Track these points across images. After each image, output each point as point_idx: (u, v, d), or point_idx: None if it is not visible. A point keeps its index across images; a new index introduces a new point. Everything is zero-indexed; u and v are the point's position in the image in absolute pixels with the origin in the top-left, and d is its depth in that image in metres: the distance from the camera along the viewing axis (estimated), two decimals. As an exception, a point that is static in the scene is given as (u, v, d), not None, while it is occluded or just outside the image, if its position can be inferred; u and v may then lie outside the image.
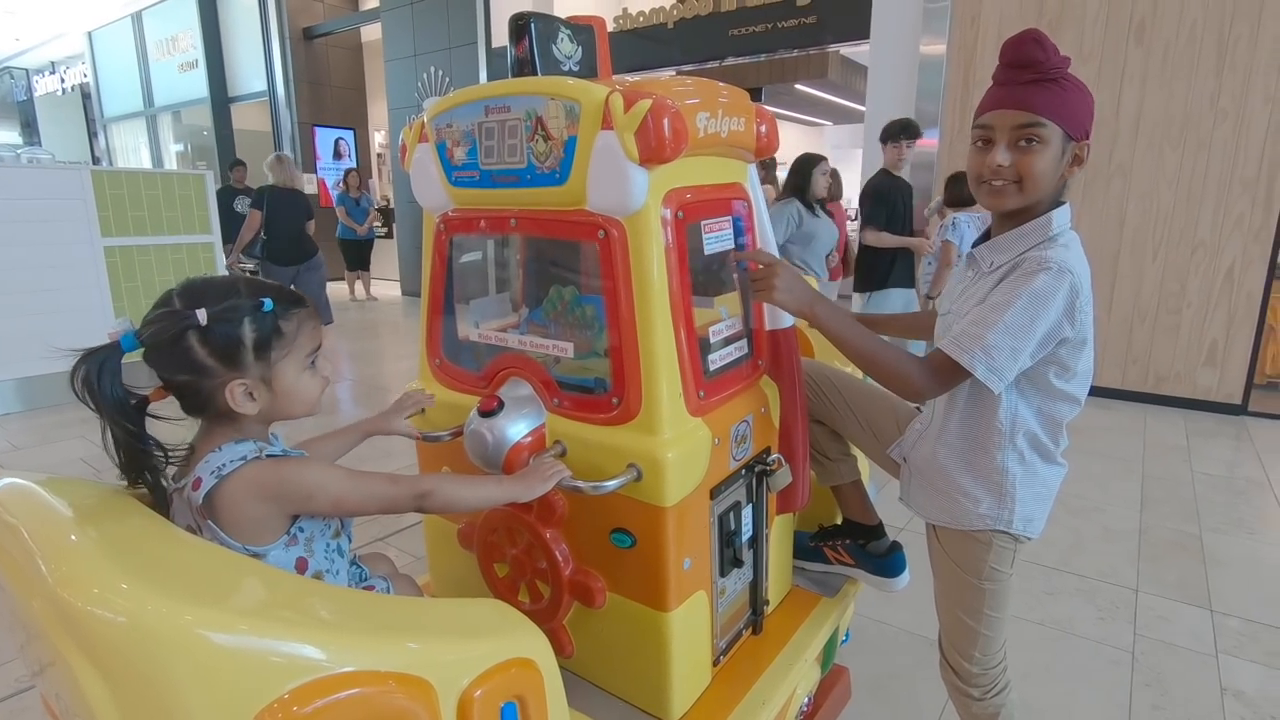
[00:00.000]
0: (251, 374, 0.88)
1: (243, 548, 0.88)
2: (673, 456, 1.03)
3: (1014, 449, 1.15)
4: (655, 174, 1.00)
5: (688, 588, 1.13)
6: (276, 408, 0.92)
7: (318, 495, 0.89)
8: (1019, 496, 1.16)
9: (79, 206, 4.48)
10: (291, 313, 0.92)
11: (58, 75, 14.74)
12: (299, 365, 0.93)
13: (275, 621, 0.63)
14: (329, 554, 0.99)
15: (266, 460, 0.89)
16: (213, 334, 0.85)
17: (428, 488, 0.95)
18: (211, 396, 0.87)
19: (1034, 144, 1.05)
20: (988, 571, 1.20)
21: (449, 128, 1.16)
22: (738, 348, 1.21)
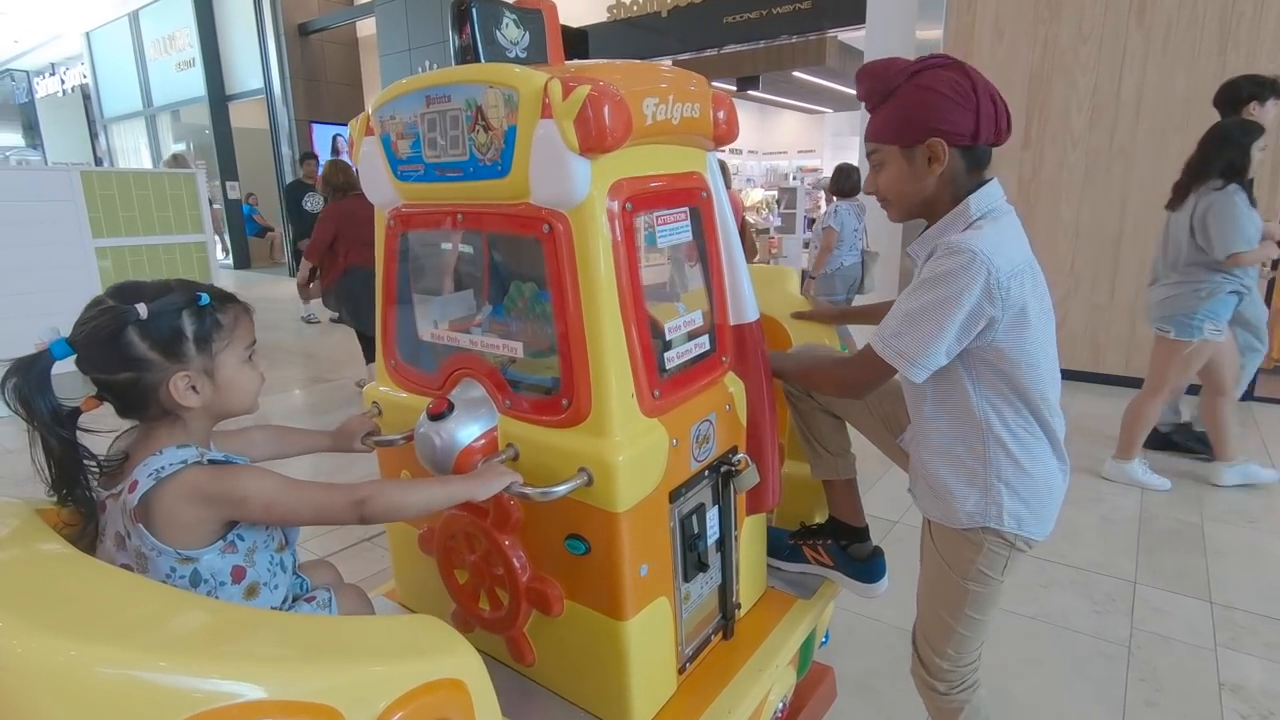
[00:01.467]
0: (194, 365, 0.88)
1: (174, 552, 0.85)
2: (624, 460, 0.99)
3: (994, 440, 1.12)
4: (599, 164, 0.95)
5: (646, 595, 1.08)
6: (218, 401, 0.92)
7: (251, 500, 0.87)
8: (1004, 490, 1.12)
9: (69, 208, 4.47)
10: (228, 306, 0.94)
11: (58, 77, 14.77)
12: (239, 357, 0.94)
13: (163, 652, 0.59)
14: (271, 567, 0.96)
15: (206, 465, 0.87)
16: (153, 327, 0.85)
17: (364, 494, 0.91)
18: (153, 393, 0.87)
19: (879, 166, 1.14)
20: (974, 573, 1.16)
21: (392, 120, 1.11)
22: (698, 344, 1.16)
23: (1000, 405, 1.11)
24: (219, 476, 0.87)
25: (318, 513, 0.90)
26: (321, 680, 0.64)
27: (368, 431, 1.22)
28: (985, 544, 1.14)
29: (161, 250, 4.93)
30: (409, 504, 0.95)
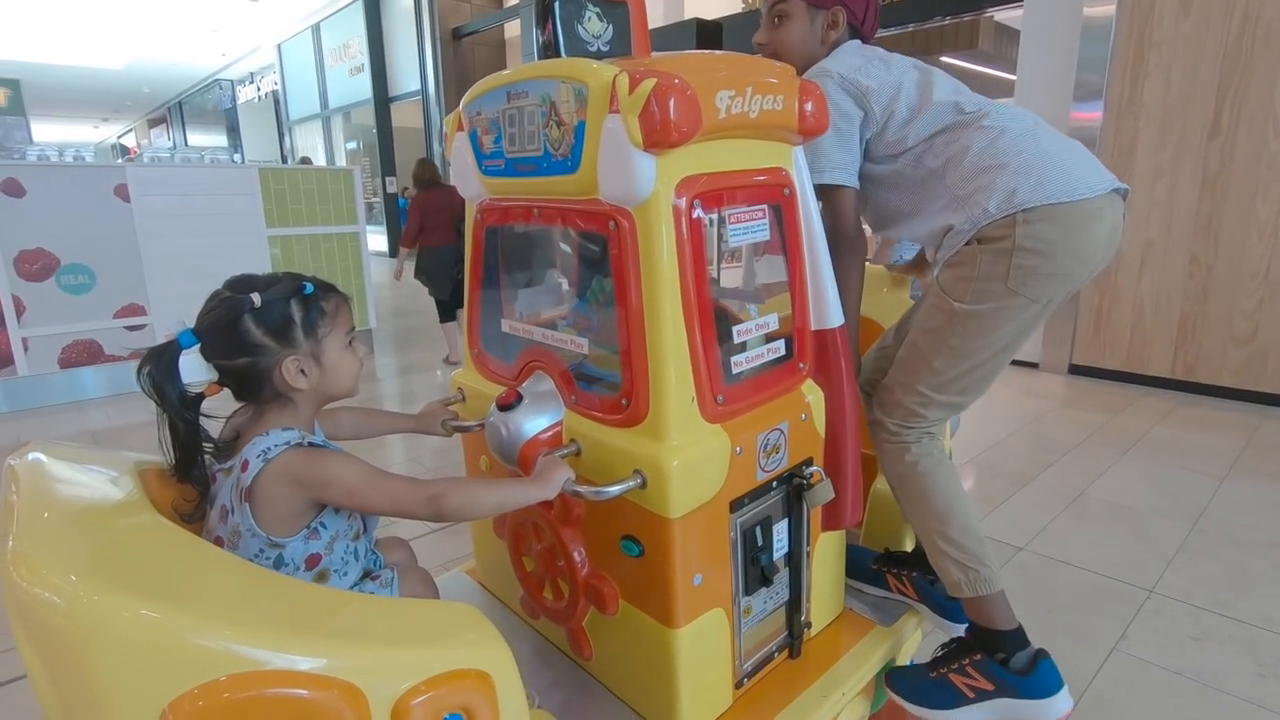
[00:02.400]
0: (302, 350, 0.96)
1: (266, 538, 0.92)
2: (678, 465, 0.96)
3: (946, 177, 1.21)
4: (665, 159, 0.93)
5: (700, 604, 1.05)
6: (324, 383, 0.99)
7: (335, 483, 0.92)
8: (982, 191, 1.15)
9: (249, 201, 5.03)
10: (329, 295, 1.01)
11: (255, 85, 16.70)
12: (340, 343, 1.01)
13: (202, 616, 0.63)
14: (345, 555, 1.02)
15: (305, 448, 0.94)
16: (266, 314, 0.93)
17: (439, 490, 0.94)
18: (266, 376, 0.95)
19: (784, 18, 1.30)
20: (970, 293, 1.16)
21: (479, 115, 1.15)
22: (772, 349, 1.11)
23: (943, 161, 1.21)
24: (312, 459, 0.93)
25: (394, 504, 0.94)
26: (342, 658, 0.67)
27: (447, 417, 1.27)
28: (979, 256, 1.15)
29: (321, 239, 5.43)
30: (482, 503, 0.98)
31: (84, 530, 0.71)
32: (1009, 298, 1.13)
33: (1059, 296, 1.16)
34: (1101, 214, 1.13)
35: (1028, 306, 1.15)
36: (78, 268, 4.39)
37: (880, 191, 1.31)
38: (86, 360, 4.46)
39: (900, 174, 1.26)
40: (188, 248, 4.73)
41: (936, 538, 1.24)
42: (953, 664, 1.24)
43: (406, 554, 1.22)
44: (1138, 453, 3.16)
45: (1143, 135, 4.03)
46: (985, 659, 1.23)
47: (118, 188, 4.44)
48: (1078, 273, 1.15)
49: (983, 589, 1.22)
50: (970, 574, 1.22)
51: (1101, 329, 4.30)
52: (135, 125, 23.53)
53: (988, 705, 1.21)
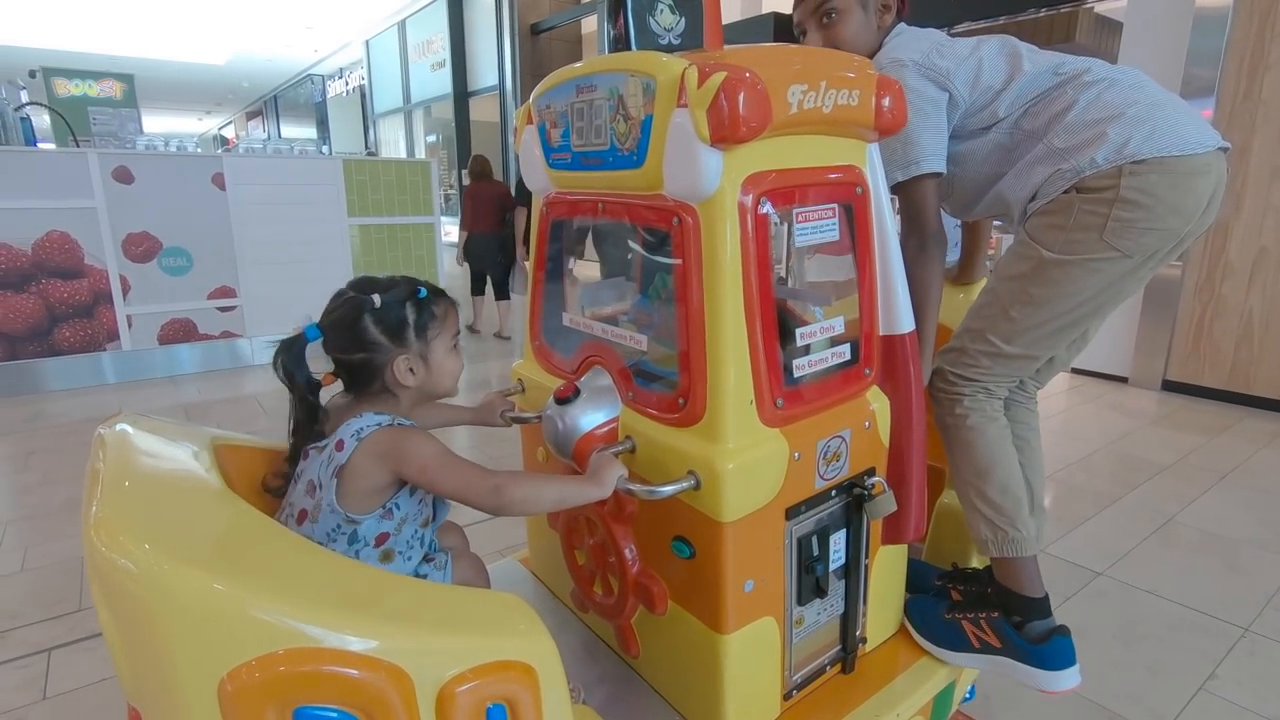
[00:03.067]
0: (413, 349, 1.03)
1: (344, 514, 0.96)
2: (733, 468, 0.94)
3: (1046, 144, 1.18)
4: (733, 155, 0.90)
5: (750, 611, 1.03)
6: (429, 382, 1.06)
7: (412, 457, 0.96)
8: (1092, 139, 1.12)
9: (332, 191, 5.25)
10: (440, 299, 1.08)
11: (344, 80, 17.40)
12: (447, 344, 1.07)
13: (263, 591, 0.66)
14: (411, 540, 1.05)
15: (394, 427, 1.00)
16: (384, 314, 1.01)
17: (501, 481, 0.96)
18: (379, 371, 1.02)
19: (840, 16, 1.27)
20: (1065, 240, 1.13)
21: (548, 109, 1.15)
22: (836, 353, 1.07)
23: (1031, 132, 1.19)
24: (399, 435, 0.98)
25: (461, 486, 0.97)
26: (392, 641, 0.68)
27: (506, 408, 1.29)
28: (1076, 204, 1.13)
29: (399, 230, 5.61)
30: (542, 498, 1.00)
31: (160, 501, 0.74)
32: (1102, 250, 1.12)
33: (1150, 254, 1.14)
34: (1209, 169, 1.12)
35: (1120, 261, 1.13)
36: (178, 251, 4.68)
37: (965, 169, 1.28)
38: (182, 338, 4.76)
39: (991, 145, 1.24)
40: (275, 234, 4.98)
41: (973, 494, 1.25)
42: (969, 612, 1.26)
43: (460, 539, 1.25)
44: (1238, 479, 2.93)
45: (1260, 133, 3.72)
46: (1001, 618, 1.24)
47: (215, 176, 4.71)
48: (1176, 229, 1.12)
49: (1010, 551, 1.22)
50: (999, 534, 1.23)
51: (1202, 343, 4.00)
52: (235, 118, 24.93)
53: (989, 659, 1.24)
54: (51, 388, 4.36)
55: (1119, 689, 1.71)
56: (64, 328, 4.34)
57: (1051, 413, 3.74)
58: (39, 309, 4.25)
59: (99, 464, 0.80)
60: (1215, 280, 3.90)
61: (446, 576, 1.09)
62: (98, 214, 4.35)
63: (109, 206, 4.37)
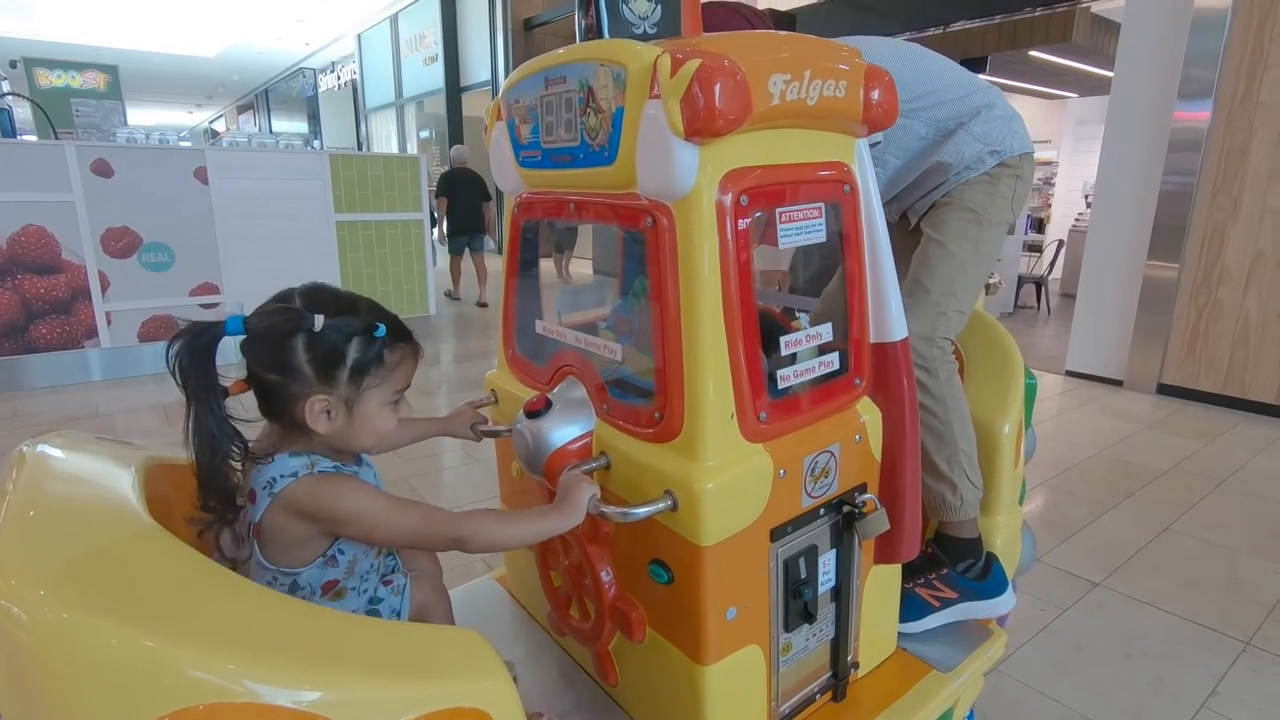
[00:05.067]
0: (338, 393, 0.86)
1: (275, 569, 0.87)
2: (712, 488, 0.87)
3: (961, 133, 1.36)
4: (709, 150, 0.83)
5: (733, 640, 0.96)
6: (347, 433, 0.89)
7: (350, 522, 0.85)
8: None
9: (319, 186, 5.15)
10: (398, 345, 0.91)
11: (335, 74, 17.24)
12: (385, 398, 0.91)
13: (177, 638, 0.58)
14: (367, 574, 0.97)
15: (315, 477, 0.85)
16: (320, 342, 0.84)
17: (464, 533, 0.87)
18: (290, 404, 0.85)
19: None
20: (996, 206, 1.36)
21: (517, 104, 1.07)
22: (824, 363, 1.00)
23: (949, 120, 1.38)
24: (323, 491, 0.85)
25: (415, 539, 0.88)
26: (332, 690, 0.61)
27: (477, 421, 1.21)
28: (1003, 177, 1.38)
29: (387, 226, 5.52)
30: (509, 541, 0.91)
31: (67, 536, 0.67)
32: (1008, 215, 1.38)
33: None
34: None
35: (1006, 230, 1.41)
36: (159, 246, 4.57)
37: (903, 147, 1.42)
38: (163, 335, 4.65)
39: (923, 128, 1.40)
40: (260, 230, 4.88)
41: (962, 458, 1.30)
42: (919, 579, 1.34)
43: (429, 559, 1.17)
44: (1236, 485, 2.88)
45: (1258, 135, 3.67)
46: (949, 571, 1.35)
47: (197, 170, 4.61)
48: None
49: (978, 506, 1.33)
50: (976, 493, 1.31)
51: (1197, 346, 3.95)
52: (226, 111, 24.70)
53: (951, 611, 1.33)
54: (34, 385, 4.26)
55: (1121, 705, 1.65)
56: (40, 324, 4.24)
57: (1045, 416, 3.69)
58: (15, 305, 4.14)
59: (9, 485, 0.72)
60: (1212, 283, 3.85)
61: (403, 603, 1.01)
62: (75, 208, 4.24)
63: (87, 200, 4.26)
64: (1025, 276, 7.14)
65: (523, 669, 1.25)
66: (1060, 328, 6.04)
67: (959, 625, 1.31)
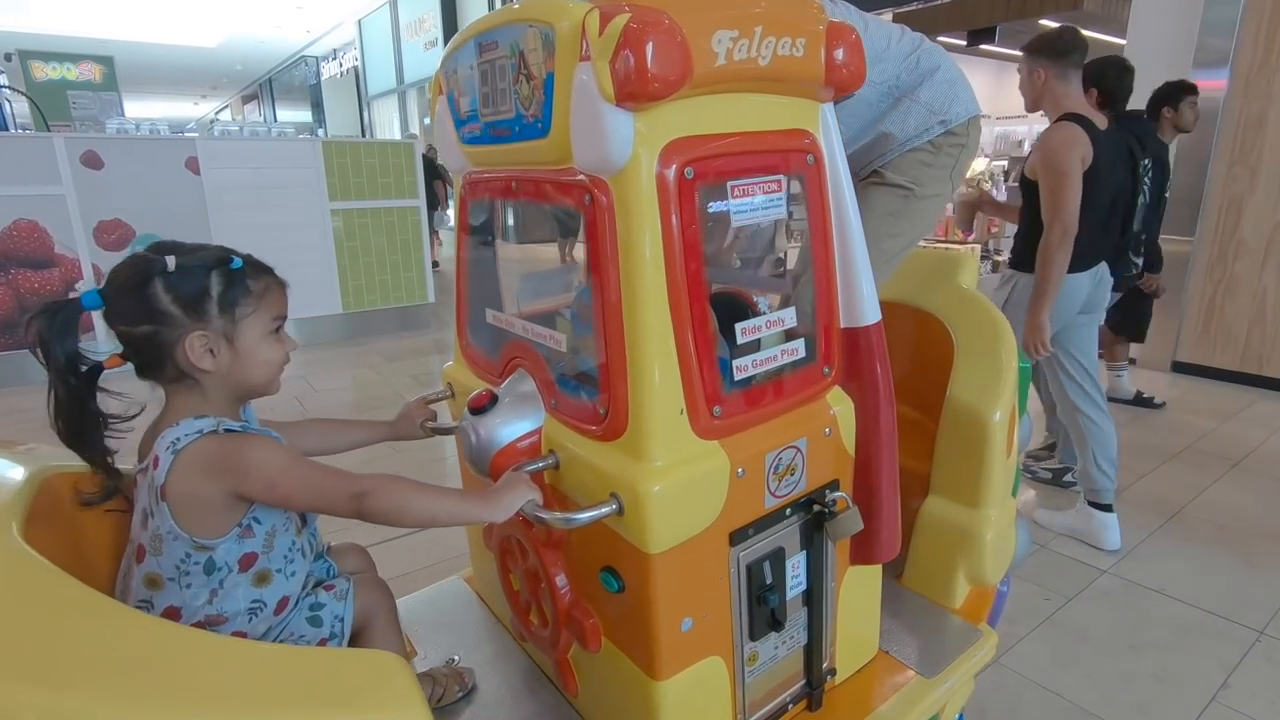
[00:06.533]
0: (214, 327, 0.84)
1: (190, 539, 0.82)
2: (659, 491, 0.79)
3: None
4: (646, 117, 0.75)
5: (690, 653, 0.89)
6: (237, 370, 0.87)
7: (253, 473, 0.81)
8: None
9: (312, 174, 5.08)
10: (261, 275, 0.90)
11: (337, 61, 17.10)
12: (263, 328, 0.89)
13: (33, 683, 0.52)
14: (289, 552, 0.91)
15: (222, 435, 0.83)
16: (179, 280, 0.82)
17: (367, 487, 0.82)
18: (169, 350, 0.83)
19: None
20: (931, 176, 1.33)
21: (454, 75, 0.99)
22: (787, 350, 0.92)
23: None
24: (228, 446, 0.82)
25: (316, 498, 0.83)
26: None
27: (426, 417, 1.15)
28: (943, 146, 1.34)
29: (383, 213, 5.44)
30: (412, 510, 0.84)
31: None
32: (946, 187, 1.34)
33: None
34: None
35: (946, 198, 1.37)
36: (152, 238, 4.50)
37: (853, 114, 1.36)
38: (160, 329, 4.62)
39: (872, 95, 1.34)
40: (253, 220, 4.81)
41: None
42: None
43: (364, 561, 1.11)
44: (1251, 466, 2.76)
45: (1276, 104, 3.51)
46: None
47: (188, 160, 4.55)
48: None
49: None
50: None
51: (1213, 323, 3.81)
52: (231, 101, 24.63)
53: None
54: (34, 380, 4.24)
55: (1125, 699, 1.57)
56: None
57: (1055, 396, 3.58)
58: (9, 300, 4.12)
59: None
60: (1228, 258, 3.71)
61: (348, 605, 0.95)
62: (67, 201, 4.20)
63: (78, 193, 4.22)
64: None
65: (484, 675, 1.19)
66: (1072, 305, 5.89)
67: (943, 625, 1.24)
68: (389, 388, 4.10)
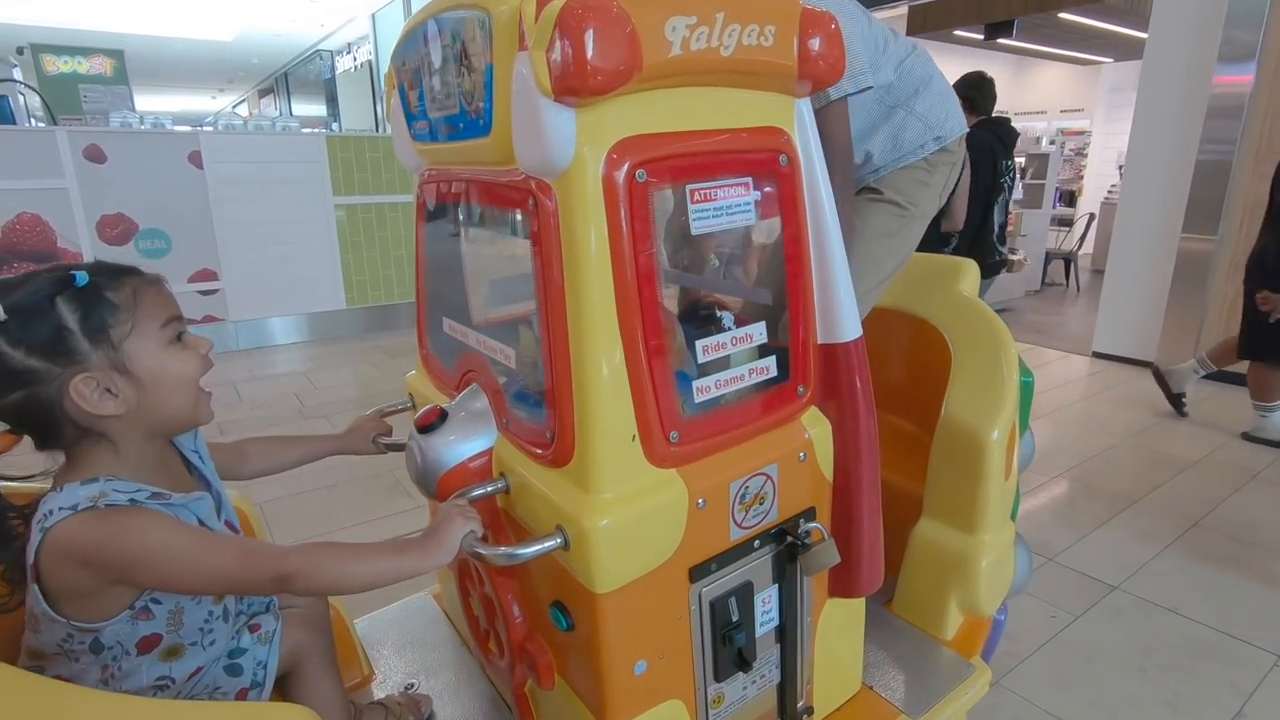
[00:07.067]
0: (93, 363, 0.70)
1: (66, 623, 0.71)
2: (607, 525, 0.72)
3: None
4: (589, 114, 0.67)
5: (645, 697, 0.82)
6: (149, 401, 0.73)
7: (141, 566, 0.68)
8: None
9: (316, 169, 5.04)
10: (119, 281, 0.73)
11: (351, 55, 17.11)
12: (156, 340, 0.73)
13: None
14: (209, 622, 0.80)
15: (97, 512, 0.68)
16: (20, 327, 0.67)
17: (291, 568, 0.71)
18: (56, 409, 0.69)
19: None
20: (926, 196, 1.28)
21: (404, 66, 0.92)
22: (755, 368, 0.84)
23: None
24: (102, 532, 0.67)
25: (229, 587, 0.74)
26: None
27: (380, 432, 1.08)
28: (939, 164, 1.30)
29: (387, 209, 5.39)
30: (346, 581, 0.74)
31: None
32: (935, 206, 1.30)
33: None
34: None
35: (932, 217, 1.32)
36: (155, 233, 4.52)
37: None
38: (163, 324, 4.62)
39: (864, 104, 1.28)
40: (257, 214, 4.79)
41: None
42: None
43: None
44: (1273, 476, 2.65)
45: (1306, 98, 3.37)
46: None
47: (191, 154, 4.53)
48: None
49: None
50: None
51: (1235, 326, 3.67)
52: (248, 96, 24.77)
53: None
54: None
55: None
56: (37, 315, 4.22)
57: (1069, 401, 3.46)
58: (11, 295, 4.12)
59: None
60: (1252, 261, 3.57)
61: (271, 653, 0.86)
62: (69, 195, 4.19)
63: (81, 187, 4.21)
64: (1054, 252, 6.81)
65: (443, 703, 1.12)
66: (1089, 306, 5.74)
67: (933, 658, 1.16)
68: (390, 384, 4.05)
